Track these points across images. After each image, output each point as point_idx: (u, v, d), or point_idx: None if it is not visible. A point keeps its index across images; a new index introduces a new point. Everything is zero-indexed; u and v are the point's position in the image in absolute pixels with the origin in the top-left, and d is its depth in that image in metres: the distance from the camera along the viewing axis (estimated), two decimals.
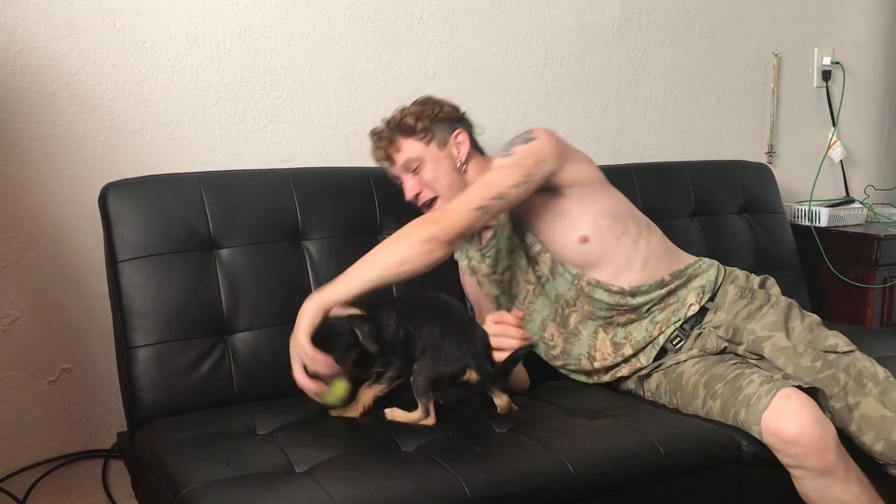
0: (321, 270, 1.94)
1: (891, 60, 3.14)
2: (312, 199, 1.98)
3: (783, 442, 1.60)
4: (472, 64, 2.40)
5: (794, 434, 1.58)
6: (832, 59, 2.98)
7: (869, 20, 3.08)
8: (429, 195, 1.95)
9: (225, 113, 2.10)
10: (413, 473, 1.45)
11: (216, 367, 1.80)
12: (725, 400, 1.72)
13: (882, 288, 2.54)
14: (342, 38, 2.22)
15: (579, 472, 1.51)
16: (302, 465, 1.49)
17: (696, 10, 2.73)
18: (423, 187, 1.95)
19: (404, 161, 1.95)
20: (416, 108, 1.96)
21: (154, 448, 1.62)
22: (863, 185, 3.08)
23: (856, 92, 3.07)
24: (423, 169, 1.94)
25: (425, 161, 1.94)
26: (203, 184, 1.89)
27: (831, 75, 3.00)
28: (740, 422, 1.68)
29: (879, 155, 3.18)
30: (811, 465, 1.59)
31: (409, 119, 1.93)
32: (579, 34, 2.55)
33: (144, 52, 2.00)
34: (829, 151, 2.99)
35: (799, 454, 1.59)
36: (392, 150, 1.95)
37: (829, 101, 3.02)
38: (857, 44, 3.06)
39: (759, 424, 1.63)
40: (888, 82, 3.15)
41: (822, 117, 3.03)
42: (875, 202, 3.00)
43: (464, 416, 1.73)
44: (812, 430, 1.58)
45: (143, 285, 1.78)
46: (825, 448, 1.58)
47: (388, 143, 1.96)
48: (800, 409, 1.60)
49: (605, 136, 2.63)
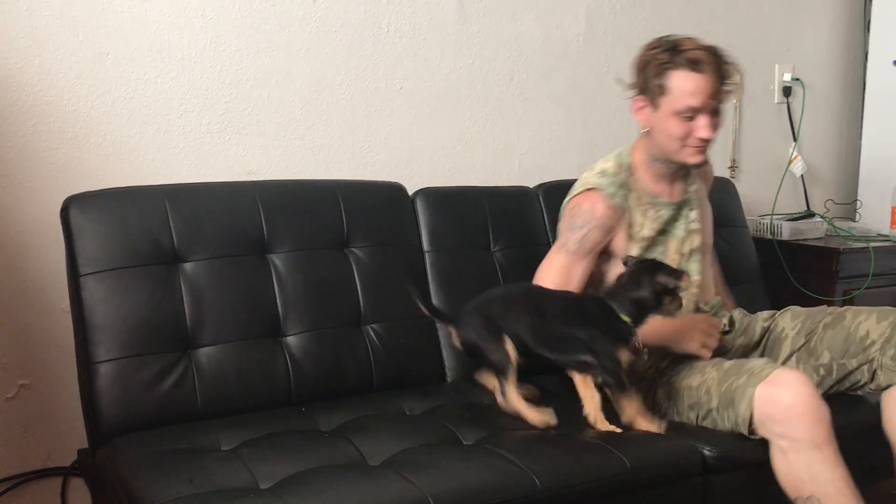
0: (287, 284, 1.93)
1: (848, 77, 3.21)
2: (278, 211, 1.97)
3: (779, 408, 1.63)
4: (439, 77, 2.41)
5: (791, 400, 1.62)
6: (792, 75, 3.04)
7: (827, 37, 3.15)
8: (711, 142, 1.87)
9: (190, 125, 2.09)
10: (379, 488, 1.44)
11: (180, 382, 1.78)
12: (727, 370, 1.76)
13: (842, 300, 2.59)
14: (309, 51, 2.21)
15: (546, 485, 1.51)
16: (267, 482, 1.47)
17: (659, 27, 2.77)
18: (713, 130, 1.85)
19: (723, 101, 1.86)
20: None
21: (116, 465, 1.59)
22: (823, 200, 3.14)
23: (815, 107, 3.13)
24: (720, 116, 1.87)
25: (723, 114, 1.89)
26: (167, 196, 1.87)
27: (792, 91, 3.05)
28: (735, 387, 1.70)
29: (838, 170, 3.24)
30: (803, 435, 1.61)
31: (732, 63, 1.87)
32: (545, 49, 2.57)
33: (108, 64, 1.98)
34: (791, 166, 3.05)
35: (794, 419, 1.62)
36: (729, 80, 1.86)
37: (789, 116, 3.07)
38: (816, 60, 3.13)
39: (756, 388, 1.66)
40: (846, 98, 3.22)
41: (783, 132, 3.08)
42: (835, 216, 3.06)
43: (433, 428, 1.73)
44: (810, 400, 1.62)
45: (105, 299, 1.76)
46: (821, 420, 1.62)
47: (727, 70, 1.84)
48: (799, 381, 1.66)
49: (570, 150, 2.65)
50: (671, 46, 1.82)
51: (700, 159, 1.89)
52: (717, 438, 1.75)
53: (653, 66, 1.83)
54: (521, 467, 1.54)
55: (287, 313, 1.92)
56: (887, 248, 2.71)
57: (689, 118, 1.82)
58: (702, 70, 1.78)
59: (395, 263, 2.09)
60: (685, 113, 1.82)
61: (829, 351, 1.92)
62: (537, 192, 2.38)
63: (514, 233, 2.28)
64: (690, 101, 1.80)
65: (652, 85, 1.84)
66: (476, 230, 2.23)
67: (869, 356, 1.86)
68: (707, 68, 1.79)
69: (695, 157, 1.88)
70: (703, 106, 1.81)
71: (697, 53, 1.79)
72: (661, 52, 1.82)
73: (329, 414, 1.81)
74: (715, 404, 1.76)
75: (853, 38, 3.20)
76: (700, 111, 1.82)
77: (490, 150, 2.51)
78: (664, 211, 1.97)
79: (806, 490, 1.63)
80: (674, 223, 1.99)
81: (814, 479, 1.62)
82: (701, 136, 1.83)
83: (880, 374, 1.84)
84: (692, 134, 1.84)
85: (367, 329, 2.01)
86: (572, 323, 1.70)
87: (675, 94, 1.81)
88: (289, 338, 1.91)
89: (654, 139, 1.90)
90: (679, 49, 1.81)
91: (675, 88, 1.81)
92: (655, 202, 1.96)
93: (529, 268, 2.25)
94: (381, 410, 1.84)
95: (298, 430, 1.73)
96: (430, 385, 2.05)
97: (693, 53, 1.79)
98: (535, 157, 2.59)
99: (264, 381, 1.86)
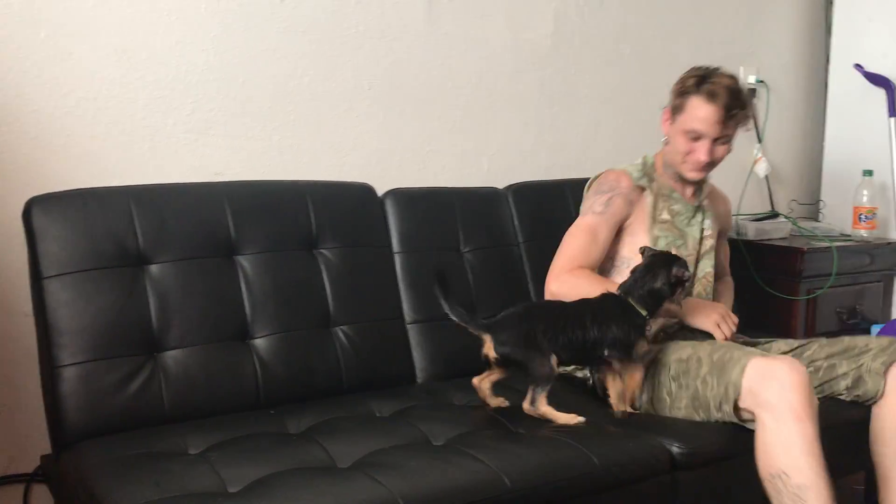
0: (255, 286, 1.92)
1: (811, 79, 3.27)
2: (246, 213, 1.96)
3: (773, 376, 1.67)
4: (407, 79, 2.40)
5: (785, 373, 1.67)
6: (757, 77, 3.08)
7: (790, 41, 3.20)
8: (709, 166, 2.07)
9: (155, 126, 2.06)
10: (348, 490, 1.44)
11: (146, 385, 1.76)
12: (723, 345, 1.84)
13: (806, 299, 2.63)
14: (276, 51, 2.20)
15: (516, 485, 1.52)
16: (235, 485, 1.46)
17: (626, 30, 2.80)
18: (711, 158, 2.05)
19: (730, 134, 2.04)
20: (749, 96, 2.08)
21: (80, 470, 1.57)
22: (787, 200, 3.19)
23: (779, 110, 3.18)
24: (724, 148, 2.06)
25: (729, 144, 2.07)
26: (132, 198, 1.85)
27: (756, 93, 3.09)
28: (728, 358, 1.75)
29: (802, 170, 3.30)
30: (790, 405, 1.64)
31: (752, 108, 2.12)
32: (514, 51, 2.58)
33: (71, 64, 1.95)
34: (755, 167, 3.09)
35: (785, 388, 1.65)
36: (737, 118, 2.03)
37: (754, 118, 3.11)
38: (780, 63, 3.17)
39: (751, 358, 1.71)
40: (809, 100, 3.27)
41: (748, 134, 3.11)
42: (798, 216, 3.11)
43: (403, 429, 1.72)
44: (803, 377, 1.68)
45: (69, 302, 1.73)
46: (809, 397, 1.66)
47: (740, 109, 2.02)
48: (795, 362, 1.71)
49: (539, 151, 2.66)
50: (702, 76, 2.04)
51: (695, 176, 2.09)
52: (685, 434, 1.77)
53: (681, 87, 2.06)
54: (490, 467, 1.54)
55: (255, 315, 1.91)
56: (850, 248, 2.77)
57: (694, 139, 2.03)
58: (714, 102, 1.98)
59: (364, 265, 2.08)
60: (691, 134, 2.03)
61: (824, 354, 1.97)
62: (507, 194, 2.39)
63: (484, 234, 2.28)
64: (697, 125, 2.01)
65: (675, 103, 2.07)
66: (446, 231, 2.24)
67: (860, 361, 1.90)
68: (720, 102, 1.98)
69: (692, 172, 2.08)
70: (707, 132, 2.01)
71: (717, 88, 1.99)
72: (691, 78, 2.05)
73: (298, 416, 1.79)
74: (705, 371, 1.80)
75: (815, 41, 3.25)
76: (704, 136, 2.02)
77: (459, 151, 2.52)
78: (679, 206, 2.14)
79: (777, 465, 1.65)
80: (690, 222, 2.16)
81: (787, 451, 1.64)
82: (698, 158, 2.04)
83: (867, 380, 1.88)
84: (693, 153, 2.04)
85: (337, 331, 2.00)
86: (602, 325, 1.80)
87: (687, 117, 2.03)
88: (257, 340, 1.90)
89: (669, 148, 2.13)
90: (705, 80, 2.02)
91: (688, 111, 2.03)
92: (672, 195, 2.15)
93: (500, 269, 2.27)
94: (350, 412, 1.83)
95: (267, 432, 1.71)
96: (400, 386, 2.04)
97: (713, 87, 2.00)
98: (505, 158, 2.60)
99: (232, 383, 1.85)
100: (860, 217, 2.83)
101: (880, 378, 1.86)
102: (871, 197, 2.83)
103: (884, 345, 1.91)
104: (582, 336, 1.78)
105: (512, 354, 1.75)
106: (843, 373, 1.92)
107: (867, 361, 1.89)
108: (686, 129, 2.03)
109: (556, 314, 1.81)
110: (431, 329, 2.13)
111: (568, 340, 1.77)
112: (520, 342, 1.75)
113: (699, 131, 2.01)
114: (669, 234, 2.11)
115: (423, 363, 2.11)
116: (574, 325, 1.78)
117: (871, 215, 2.82)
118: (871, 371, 1.87)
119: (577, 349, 1.79)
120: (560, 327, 1.77)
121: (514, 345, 1.75)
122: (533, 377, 1.74)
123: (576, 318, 1.79)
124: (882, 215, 2.88)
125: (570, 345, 1.77)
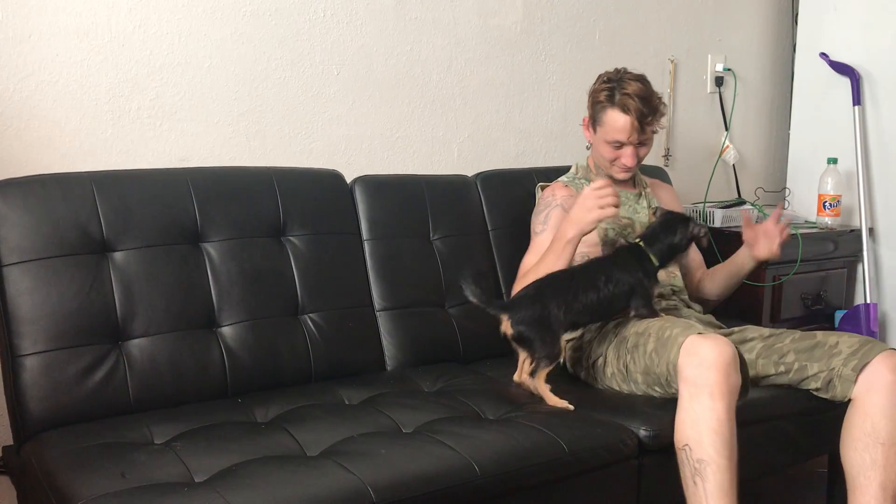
0: (222, 273, 1.89)
1: (777, 68, 3.29)
2: (212, 199, 1.93)
3: (698, 357, 1.70)
4: (376, 64, 2.38)
5: (709, 353, 1.69)
6: (724, 65, 3.10)
7: (758, 29, 3.22)
8: (634, 168, 2.20)
9: (118, 110, 2.03)
10: (317, 478, 1.43)
11: (111, 374, 1.73)
12: (670, 320, 1.87)
13: (772, 286, 2.66)
14: (242, 35, 2.17)
15: (485, 472, 1.52)
16: (202, 475, 1.44)
17: (595, 16, 2.80)
18: (637, 160, 2.18)
19: (649, 136, 2.16)
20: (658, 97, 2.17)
21: (43, 462, 1.54)
22: (753, 187, 3.21)
23: (746, 97, 3.20)
24: (645, 148, 2.19)
25: (649, 143, 2.19)
26: (95, 184, 1.81)
27: (723, 81, 3.12)
28: (669, 336, 1.78)
29: (767, 158, 3.33)
30: (705, 382, 1.67)
31: (663, 107, 2.18)
32: (483, 37, 2.57)
33: (31, 46, 1.90)
34: (723, 154, 3.11)
35: (703, 368, 1.68)
36: (652, 122, 2.14)
37: (721, 106, 3.14)
38: (747, 51, 3.20)
39: (686, 338, 1.74)
40: (775, 89, 3.30)
41: (716, 122, 3.14)
42: (764, 203, 3.14)
43: (372, 417, 1.71)
44: (727, 358, 1.69)
45: (30, 290, 1.70)
46: (726, 378, 1.68)
47: (653, 115, 2.13)
48: (726, 344, 1.72)
49: (509, 138, 2.66)
50: (612, 86, 2.14)
51: (625, 177, 2.22)
52: (651, 416, 1.79)
53: (595, 99, 2.18)
54: (460, 454, 1.54)
55: (222, 303, 1.89)
56: (815, 235, 2.80)
57: (617, 147, 2.16)
58: (629, 113, 2.10)
59: (333, 252, 2.07)
60: (614, 143, 2.16)
61: (794, 353, 1.96)
62: (475, 181, 2.38)
63: (453, 221, 2.28)
64: (617, 135, 2.14)
65: (592, 114, 2.21)
66: (415, 218, 2.23)
67: (831, 364, 1.90)
68: (633, 113, 2.10)
69: (620, 174, 2.21)
70: (628, 140, 2.14)
71: (627, 100, 2.10)
72: (603, 91, 2.15)
73: (266, 405, 1.78)
74: (651, 348, 1.83)
75: (782, 29, 3.28)
76: (625, 144, 2.15)
77: (429, 138, 2.50)
78: (621, 196, 2.14)
79: (682, 438, 1.69)
80: (635, 209, 2.24)
81: (694, 425, 1.67)
82: (624, 163, 2.17)
83: (837, 385, 1.88)
84: (619, 159, 2.18)
85: (305, 318, 1.99)
86: (615, 280, 1.90)
87: (607, 128, 2.15)
88: (224, 328, 1.88)
89: (594, 154, 2.27)
90: (616, 91, 2.12)
91: (607, 123, 2.15)
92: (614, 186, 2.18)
93: (468, 256, 2.27)
94: (319, 400, 1.82)
95: (234, 421, 1.70)
96: (370, 374, 2.03)
97: (624, 99, 2.11)
98: (474, 145, 2.59)
99: (199, 372, 1.82)
100: (825, 204, 2.87)
101: (850, 384, 1.86)
102: (835, 185, 2.86)
103: (854, 347, 1.90)
104: (596, 297, 1.88)
105: (526, 332, 1.83)
106: (814, 374, 1.92)
107: (838, 366, 1.89)
108: (608, 140, 2.16)
109: (567, 284, 1.89)
110: (401, 316, 2.12)
111: (583, 306, 1.87)
112: (534, 321, 1.83)
113: (620, 140, 2.14)
114: (616, 225, 2.19)
115: (393, 350, 2.10)
116: (587, 288, 1.88)
117: (835, 203, 2.86)
118: (841, 377, 1.88)
119: (593, 310, 1.90)
120: (573, 296, 1.86)
121: (528, 324, 1.83)
122: (540, 354, 1.82)
123: (587, 280, 1.89)
124: (846, 203, 2.91)
125: (586, 309, 1.88)
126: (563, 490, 1.65)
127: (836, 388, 1.89)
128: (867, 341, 1.91)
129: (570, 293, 1.86)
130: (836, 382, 1.89)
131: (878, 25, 2.89)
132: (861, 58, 2.92)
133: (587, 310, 1.88)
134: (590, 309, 1.88)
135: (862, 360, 1.86)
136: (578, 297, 1.86)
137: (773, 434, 1.99)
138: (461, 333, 2.18)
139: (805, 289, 2.76)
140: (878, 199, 2.93)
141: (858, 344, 1.91)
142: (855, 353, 1.89)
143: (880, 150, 2.91)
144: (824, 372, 1.91)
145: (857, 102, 2.90)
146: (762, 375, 1.98)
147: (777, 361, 1.97)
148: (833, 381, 1.89)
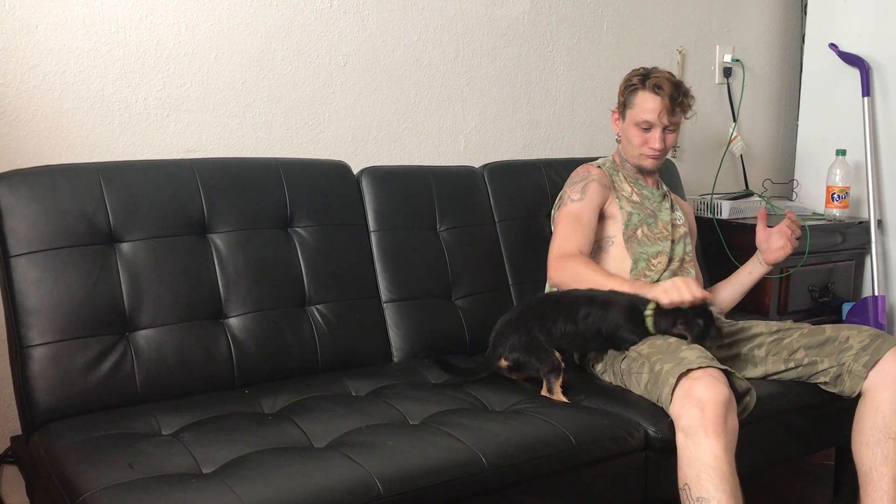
0: (229, 264, 1.89)
1: (786, 59, 3.28)
2: (219, 190, 1.93)
3: (690, 399, 1.65)
4: (383, 54, 2.38)
5: (704, 389, 1.65)
6: (733, 56, 3.08)
7: (766, 20, 3.20)
8: (661, 153, 2.22)
9: (125, 101, 2.02)
10: (325, 470, 1.43)
11: (118, 365, 1.73)
12: (660, 349, 1.80)
13: (779, 278, 2.65)
14: (249, 25, 2.16)
15: (492, 463, 1.52)
16: (209, 466, 1.45)
17: (603, 7, 2.78)
18: (664, 145, 2.20)
19: (677, 122, 2.19)
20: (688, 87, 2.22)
21: (51, 452, 1.54)
22: (761, 179, 3.20)
23: (754, 88, 3.19)
24: (673, 135, 2.21)
25: (677, 131, 2.23)
26: (102, 175, 1.81)
27: (732, 72, 3.10)
28: (660, 370, 1.74)
29: (775, 149, 3.32)
30: (700, 422, 1.62)
31: (692, 98, 2.21)
32: (490, 27, 2.56)
33: (38, 36, 1.90)
34: (731, 146, 3.10)
35: (700, 406, 1.63)
36: (682, 105, 2.17)
37: (729, 97, 3.12)
38: (756, 42, 3.18)
39: (677, 380, 1.69)
40: (783, 80, 3.29)
41: (724, 113, 3.13)
42: (772, 195, 3.13)
43: (379, 408, 1.71)
44: (722, 398, 1.64)
45: (38, 281, 1.70)
46: (720, 417, 1.63)
47: (684, 97, 2.17)
48: (718, 381, 1.67)
49: (516, 129, 2.65)
50: (644, 74, 2.20)
51: (652, 164, 2.24)
52: (657, 414, 1.77)
53: (626, 85, 2.23)
54: (467, 446, 1.54)
55: (229, 294, 1.88)
56: (823, 227, 2.79)
57: (646, 129, 2.18)
58: (660, 94, 2.15)
59: (339, 243, 2.06)
60: (643, 125, 2.17)
61: (804, 349, 1.96)
62: (482, 172, 2.38)
63: (460, 212, 2.27)
64: (647, 115, 2.16)
65: (623, 101, 2.23)
66: (422, 209, 2.22)
67: (841, 360, 1.90)
68: (665, 93, 2.14)
69: (648, 161, 2.23)
70: (658, 122, 2.16)
71: (661, 81, 2.16)
72: (635, 77, 2.21)
73: (273, 396, 1.78)
74: (645, 380, 1.81)
75: (791, 20, 3.26)
76: (655, 126, 2.17)
77: (436, 129, 2.50)
78: (646, 191, 2.26)
79: (683, 477, 1.65)
80: (659, 206, 2.26)
81: (691, 464, 1.63)
82: (652, 146, 2.18)
83: (846, 380, 1.88)
84: (647, 143, 2.19)
85: (312, 310, 1.99)
86: (597, 317, 1.88)
87: (637, 109, 2.18)
88: (231, 319, 1.88)
89: (622, 144, 2.27)
90: (649, 76, 2.18)
91: (637, 104, 2.18)
92: (638, 182, 2.28)
93: (475, 247, 2.27)
94: (326, 391, 1.82)
95: (242, 412, 1.70)
96: (376, 365, 2.03)
97: (657, 80, 2.16)
98: (481, 136, 2.58)
99: (206, 363, 1.82)
100: (833, 196, 2.85)
101: (860, 380, 1.86)
102: (843, 176, 2.85)
103: (864, 342, 1.89)
104: (574, 329, 1.87)
105: (521, 357, 1.87)
106: (824, 369, 1.92)
107: (848, 361, 1.89)
108: (637, 121, 2.18)
109: (547, 311, 1.91)
110: (408, 308, 2.12)
111: (561, 335, 1.87)
112: (524, 346, 1.86)
113: (650, 121, 2.16)
114: (641, 213, 2.21)
115: (400, 342, 2.10)
116: (566, 318, 1.87)
117: (843, 194, 2.85)
118: (851, 373, 1.88)
119: (571, 340, 1.89)
120: (552, 322, 1.87)
121: (519, 349, 1.87)
122: (544, 370, 1.85)
123: (567, 311, 1.88)
124: (854, 195, 2.90)
125: (564, 337, 1.87)
126: (570, 482, 1.65)
127: (844, 382, 1.88)
128: (877, 336, 1.91)
129: (550, 320, 1.88)
130: (845, 378, 1.88)
131: (887, 16, 2.87)
132: (870, 48, 2.90)
133: (566, 339, 1.88)
134: (568, 338, 1.88)
135: (873, 357, 1.86)
136: (558, 325, 1.87)
137: (781, 427, 1.98)
138: (468, 325, 2.18)
139: (813, 281, 2.76)
140: (886, 190, 2.92)
141: (869, 339, 1.90)
142: (866, 349, 1.88)
143: (889, 142, 2.89)
144: (834, 367, 1.91)
145: (867, 93, 2.88)
146: (772, 372, 1.99)
147: (787, 358, 1.97)
148: (842, 377, 1.89)
